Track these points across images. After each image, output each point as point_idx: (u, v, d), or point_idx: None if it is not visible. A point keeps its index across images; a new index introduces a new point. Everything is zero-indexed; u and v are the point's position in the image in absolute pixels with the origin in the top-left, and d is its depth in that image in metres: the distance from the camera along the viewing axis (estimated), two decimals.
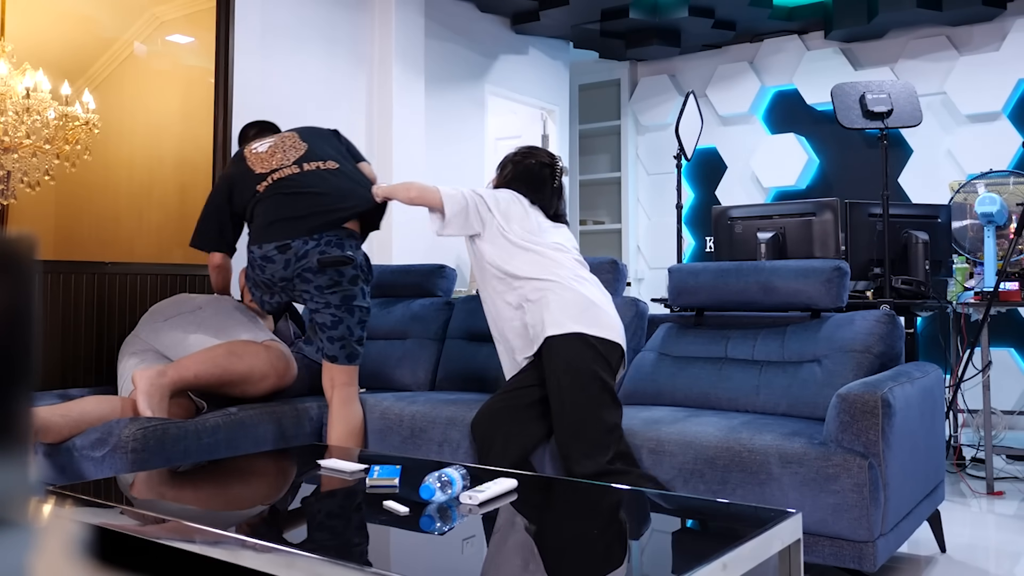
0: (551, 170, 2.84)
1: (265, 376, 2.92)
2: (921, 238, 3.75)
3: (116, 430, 2.47)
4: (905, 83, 4.02)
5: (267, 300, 3.00)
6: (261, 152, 3.03)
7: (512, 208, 2.71)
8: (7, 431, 0.51)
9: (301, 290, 2.85)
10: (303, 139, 3.07)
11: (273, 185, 2.91)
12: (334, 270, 2.81)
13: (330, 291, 2.81)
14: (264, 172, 2.95)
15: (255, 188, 2.93)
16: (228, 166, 3.16)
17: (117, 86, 3.49)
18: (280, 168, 2.95)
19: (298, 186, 2.90)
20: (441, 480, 1.77)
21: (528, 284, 2.61)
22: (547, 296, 2.56)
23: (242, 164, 3.02)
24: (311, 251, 2.80)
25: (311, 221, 2.83)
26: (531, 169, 2.82)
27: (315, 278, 2.81)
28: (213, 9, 3.82)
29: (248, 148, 3.09)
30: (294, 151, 3.01)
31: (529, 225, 2.70)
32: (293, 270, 2.82)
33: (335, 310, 2.82)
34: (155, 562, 1.78)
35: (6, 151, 2.95)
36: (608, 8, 5.59)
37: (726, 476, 2.22)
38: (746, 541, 1.48)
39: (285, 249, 2.81)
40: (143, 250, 3.54)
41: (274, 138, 3.10)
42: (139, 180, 3.58)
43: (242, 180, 2.99)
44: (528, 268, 2.62)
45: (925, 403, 2.50)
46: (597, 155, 7.09)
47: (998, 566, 2.72)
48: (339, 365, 2.88)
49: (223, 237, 3.09)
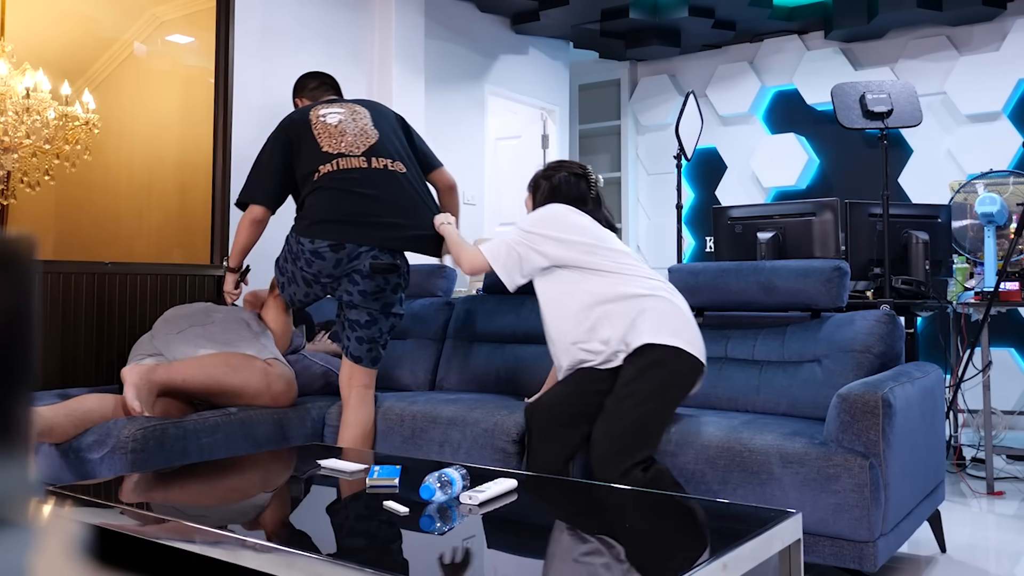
0: (585, 181, 2.70)
1: (259, 394, 2.84)
2: (921, 238, 3.75)
3: (116, 430, 2.47)
4: (905, 83, 4.02)
5: (298, 296, 2.94)
6: (330, 125, 2.91)
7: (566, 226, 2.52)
8: (7, 431, 0.51)
9: (344, 289, 2.82)
10: (374, 124, 2.97)
11: (335, 175, 2.82)
12: (382, 277, 2.81)
13: (373, 296, 2.82)
14: (329, 152, 2.85)
15: (316, 167, 2.83)
16: (290, 123, 2.95)
17: (117, 86, 3.49)
18: (347, 155, 2.86)
19: (362, 185, 2.82)
20: (441, 480, 1.77)
21: (615, 303, 2.42)
22: (643, 306, 2.40)
23: (307, 130, 2.90)
24: (364, 254, 2.78)
25: (369, 233, 2.78)
26: (565, 183, 2.68)
27: (363, 282, 2.79)
28: (213, 9, 3.82)
29: (315, 112, 2.96)
30: (364, 137, 2.92)
31: (598, 233, 2.54)
32: (343, 269, 2.79)
33: (372, 312, 2.83)
34: (155, 562, 1.78)
35: (6, 151, 2.95)
36: (608, 8, 5.59)
37: (727, 476, 2.22)
38: (746, 541, 1.48)
39: (339, 249, 2.77)
40: (143, 250, 3.54)
41: (343, 110, 2.98)
42: (139, 180, 3.58)
43: (305, 149, 2.87)
44: (611, 288, 2.44)
45: (925, 403, 2.50)
46: (597, 155, 7.09)
47: (998, 566, 2.72)
48: (362, 367, 2.87)
49: (271, 191, 2.93)
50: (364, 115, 2.99)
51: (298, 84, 3.29)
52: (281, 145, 2.92)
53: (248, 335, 3.01)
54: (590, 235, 2.52)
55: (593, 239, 2.51)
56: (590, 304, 2.44)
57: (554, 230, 2.52)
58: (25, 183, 3.04)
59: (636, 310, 2.40)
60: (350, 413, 2.87)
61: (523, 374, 3.22)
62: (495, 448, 2.63)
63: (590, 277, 2.46)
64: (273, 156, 2.92)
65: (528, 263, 2.54)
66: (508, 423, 2.66)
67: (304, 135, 2.89)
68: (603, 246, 2.51)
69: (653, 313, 2.39)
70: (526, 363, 3.24)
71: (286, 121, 2.99)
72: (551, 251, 2.51)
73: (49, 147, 3.03)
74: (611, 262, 2.48)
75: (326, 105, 3.01)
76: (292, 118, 2.99)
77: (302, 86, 3.27)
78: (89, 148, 3.15)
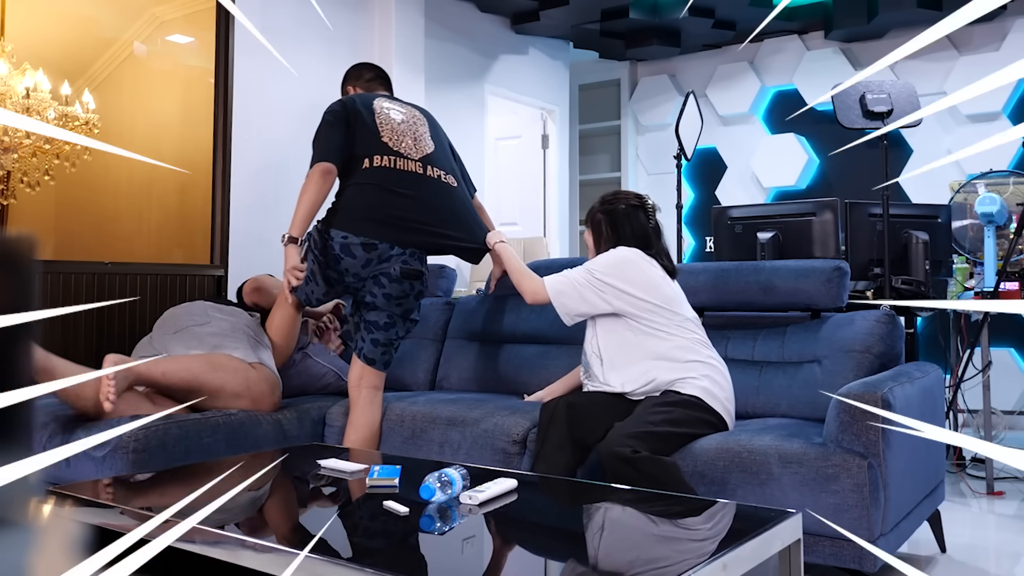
0: (644, 212, 2.62)
1: (238, 395, 2.78)
2: (921, 238, 3.75)
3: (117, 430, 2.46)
4: (905, 83, 4.02)
5: (316, 295, 2.88)
6: (393, 120, 2.88)
7: (637, 280, 2.47)
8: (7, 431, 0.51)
9: (369, 291, 2.79)
10: (432, 136, 2.97)
11: (389, 172, 2.79)
12: (408, 282, 2.79)
13: (397, 301, 2.80)
14: (388, 146, 2.81)
15: (371, 155, 2.78)
16: (352, 103, 2.87)
17: (117, 86, 3.50)
18: (405, 156, 2.83)
19: (413, 188, 2.81)
20: (441, 480, 1.77)
21: (672, 363, 2.42)
22: (698, 371, 2.41)
23: (371, 115, 2.84)
24: (395, 257, 2.76)
25: (413, 236, 2.76)
26: (625, 218, 2.60)
27: (390, 285, 2.77)
28: (213, 9, 3.82)
29: (379, 103, 2.91)
30: (421, 144, 2.90)
31: (667, 292, 2.49)
32: (371, 270, 2.77)
33: (393, 316, 2.82)
34: (155, 562, 1.78)
35: (6, 151, 2.95)
36: (608, 8, 5.59)
37: (726, 477, 2.22)
38: (746, 541, 1.48)
39: (371, 248, 2.74)
40: (143, 250, 3.55)
41: (405, 110, 2.96)
42: (139, 180, 3.59)
43: (364, 132, 2.81)
44: (671, 351, 2.44)
45: (925, 403, 2.50)
46: (597, 155, 7.09)
47: (998, 566, 2.72)
48: (373, 369, 2.86)
49: (335, 153, 2.78)
50: (423, 124, 2.99)
51: (352, 73, 3.20)
52: (343, 118, 2.82)
53: (242, 338, 2.95)
54: (659, 294, 2.48)
55: (662, 300, 2.48)
56: (648, 358, 2.45)
57: (625, 283, 2.48)
58: (25, 183, 3.04)
59: (692, 372, 2.41)
60: (358, 414, 2.85)
61: (523, 374, 3.22)
62: (495, 448, 2.63)
63: (651, 337, 2.46)
64: (335, 126, 2.81)
65: (591, 306, 2.52)
66: (508, 423, 2.65)
67: (367, 118, 2.84)
68: (670, 309, 2.48)
69: (705, 380, 2.40)
70: (526, 363, 3.24)
71: (348, 99, 2.90)
72: (617, 303, 2.48)
73: (49, 147, 3.03)
74: (675, 326, 2.46)
75: (388, 100, 2.97)
76: (354, 99, 2.91)
77: (357, 75, 3.18)
78: (89, 148, 3.15)
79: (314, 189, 2.73)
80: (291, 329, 3.11)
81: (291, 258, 2.76)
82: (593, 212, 2.69)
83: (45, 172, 3.06)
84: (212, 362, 2.78)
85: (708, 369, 2.43)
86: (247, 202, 3.94)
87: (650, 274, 2.51)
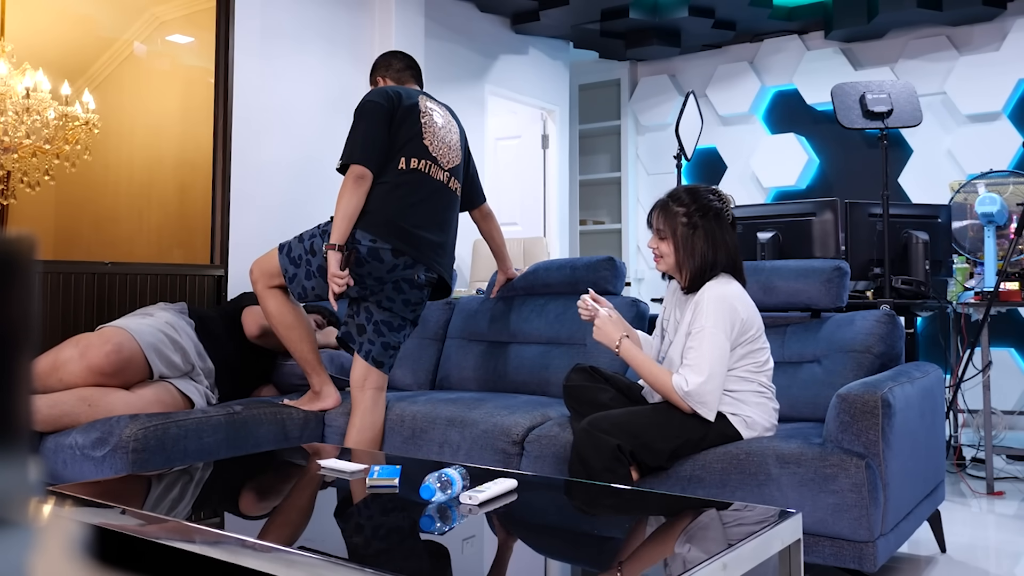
0: (730, 217, 2.36)
1: (70, 359, 2.69)
2: (921, 238, 3.75)
3: (116, 430, 2.47)
4: (905, 83, 4.02)
5: (317, 291, 2.85)
6: (436, 123, 2.88)
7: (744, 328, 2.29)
8: (7, 431, 0.51)
9: (386, 295, 2.81)
10: (461, 147, 3.01)
11: (423, 177, 2.80)
12: (427, 289, 2.90)
13: (412, 307, 2.87)
14: (428, 150, 2.81)
15: (409, 155, 2.78)
16: (397, 97, 2.81)
17: (117, 86, 3.50)
18: (439, 164, 2.85)
19: (438, 199, 2.85)
20: (441, 480, 1.77)
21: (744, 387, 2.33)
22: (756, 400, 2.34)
23: (416, 114, 2.81)
24: (418, 264, 2.82)
25: (426, 254, 2.81)
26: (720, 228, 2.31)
27: (410, 292, 2.82)
28: (213, 9, 3.82)
29: (424, 102, 2.87)
30: (452, 154, 2.92)
31: (760, 328, 2.35)
32: (395, 275, 2.80)
33: (405, 319, 2.89)
34: (155, 562, 1.78)
35: (6, 151, 2.95)
36: (608, 8, 5.59)
37: (725, 478, 2.22)
38: (746, 541, 1.48)
39: (399, 255, 2.76)
40: (143, 250, 3.55)
41: (444, 114, 2.95)
42: (139, 180, 3.59)
43: (407, 129, 2.79)
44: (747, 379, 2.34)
45: (925, 403, 2.50)
46: (597, 155, 7.09)
47: (998, 566, 2.72)
48: (381, 371, 2.87)
49: (371, 154, 2.72)
50: (456, 132, 2.99)
51: (381, 62, 3.10)
52: (387, 113, 2.77)
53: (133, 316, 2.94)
54: (755, 328, 2.33)
55: (755, 345, 2.34)
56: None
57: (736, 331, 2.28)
58: (25, 183, 3.04)
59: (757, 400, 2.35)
60: (361, 416, 2.84)
61: (523, 374, 3.22)
62: (495, 448, 2.63)
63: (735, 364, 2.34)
64: (376, 122, 2.74)
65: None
66: (508, 423, 2.66)
67: (412, 117, 2.80)
68: (759, 346, 2.35)
69: (760, 408, 2.34)
70: (526, 363, 3.24)
71: (391, 92, 2.82)
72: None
73: (49, 147, 3.03)
74: (759, 355, 2.35)
75: (430, 100, 2.94)
76: (399, 92, 2.83)
77: (386, 64, 3.08)
78: (89, 148, 3.15)
79: (349, 197, 2.68)
80: (289, 306, 2.95)
81: (332, 263, 2.67)
82: (675, 216, 2.32)
83: (45, 172, 3.06)
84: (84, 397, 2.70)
85: (767, 400, 2.36)
86: (247, 202, 3.94)
87: (752, 318, 2.33)
